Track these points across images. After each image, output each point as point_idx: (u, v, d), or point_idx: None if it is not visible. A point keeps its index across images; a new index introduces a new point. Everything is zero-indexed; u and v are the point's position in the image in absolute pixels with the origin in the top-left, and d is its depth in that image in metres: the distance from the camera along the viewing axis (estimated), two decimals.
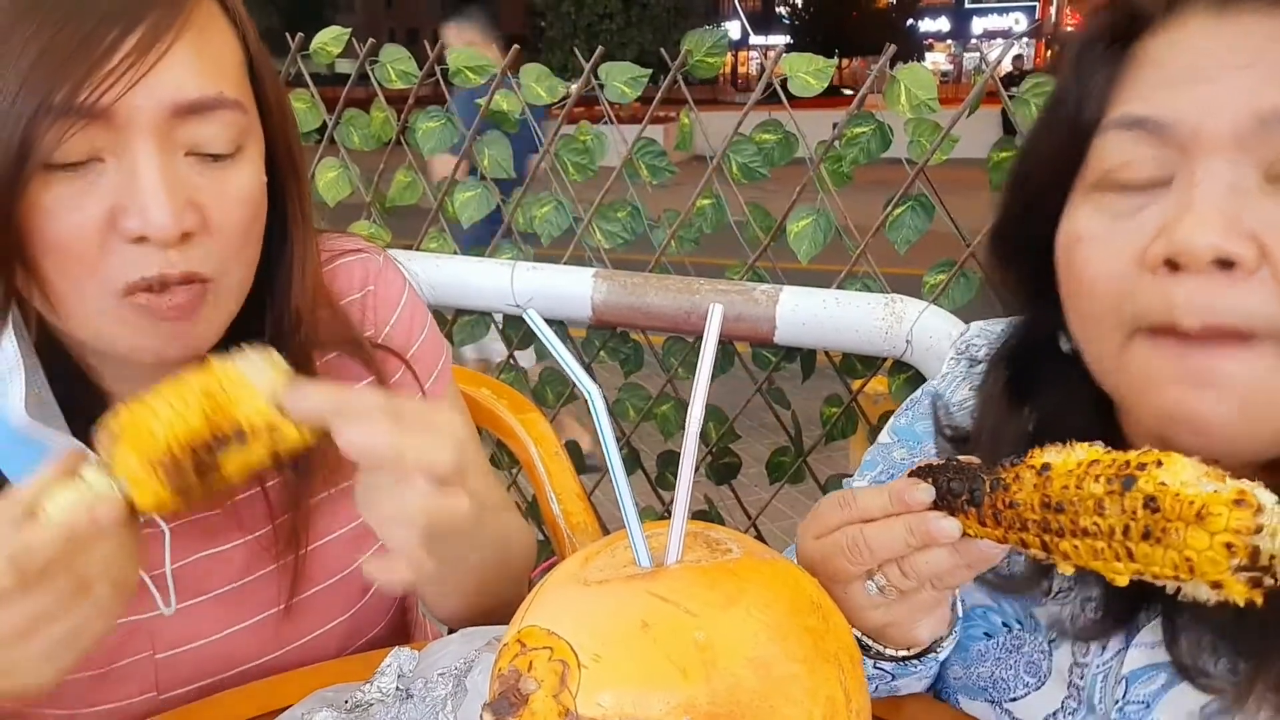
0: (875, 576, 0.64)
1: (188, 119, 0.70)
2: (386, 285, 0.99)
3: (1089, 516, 0.53)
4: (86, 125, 0.67)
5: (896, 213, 1.63)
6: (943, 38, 54.40)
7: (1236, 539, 0.48)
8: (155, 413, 0.63)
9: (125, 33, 0.67)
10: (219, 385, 0.64)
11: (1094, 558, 0.53)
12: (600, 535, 1.02)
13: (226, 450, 0.64)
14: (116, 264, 0.70)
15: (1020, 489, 0.56)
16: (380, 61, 2.01)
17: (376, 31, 2.44)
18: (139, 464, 0.62)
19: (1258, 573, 0.48)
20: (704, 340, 0.58)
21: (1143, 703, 0.69)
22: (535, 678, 0.49)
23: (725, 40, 1.79)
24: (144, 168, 0.68)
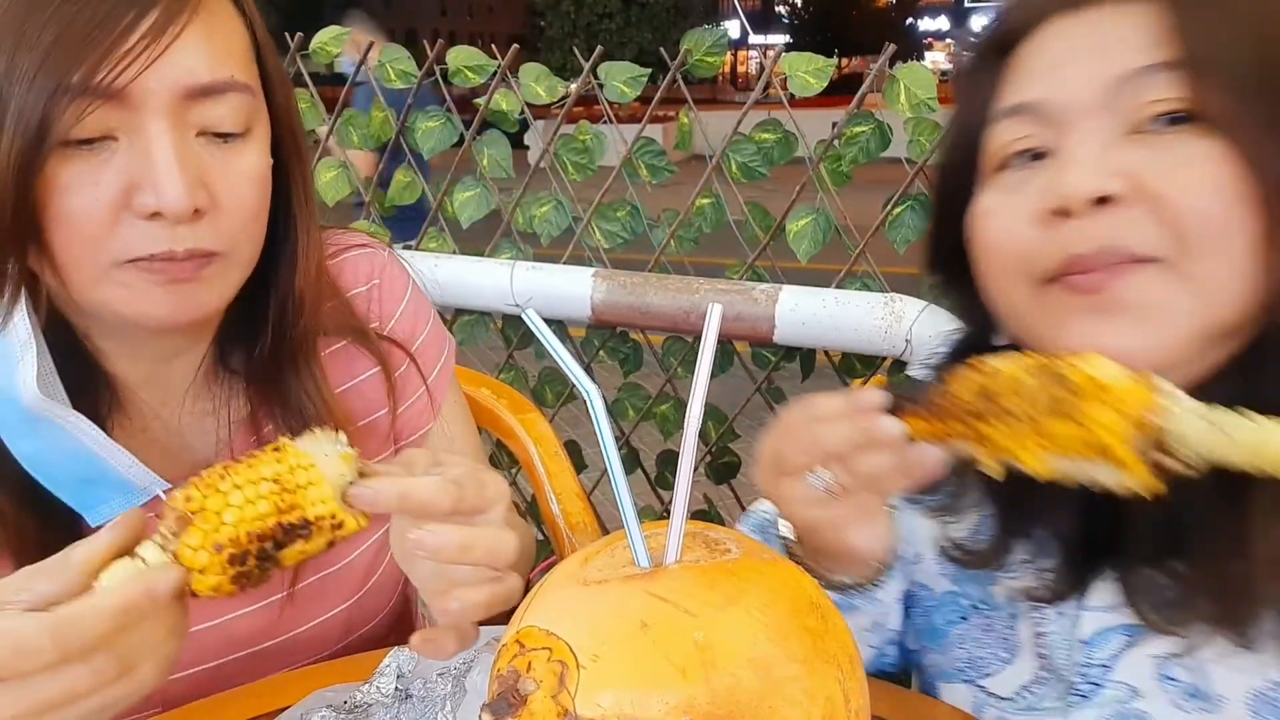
0: (821, 471, 0.69)
1: (199, 101, 0.72)
2: (392, 279, 1.01)
3: (1012, 397, 0.59)
4: (102, 105, 0.68)
5: (896, 212, 1.63)
6: (942, 37, 54.40)
7: (1141, 416, 0.53)
8: (226, 498, 0.62)
9: (140, 15, 0.68)
10: (290, 471, 0.64)
11: (1009, 439, 0.59)
12: (599, 535, 1.02)
13: (288, 546, 0.63)
14: (126, 238, 0.72)
15: (960, 383, 0.63)
16: (380, 61, 2.01)
17: (375, 31, 2.44)
18: (208, 552, 0.61)
19: (1159, 453, 0.53)
20: (703, 340, 0.58)
21: (1103, 665, 0.74)
22: (534, 678, 0.49)
23: (725, 39, 1.79)
24: (158, 147, 0.70)
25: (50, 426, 0.75)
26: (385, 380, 0.97)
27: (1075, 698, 0.75)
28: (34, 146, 0.67)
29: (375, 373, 0.97)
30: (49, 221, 0.70)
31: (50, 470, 0.77)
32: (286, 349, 0.88)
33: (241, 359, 0.89)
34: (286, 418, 0.89)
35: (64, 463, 0.77)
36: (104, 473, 0.78)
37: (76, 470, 0.78)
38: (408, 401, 1.01)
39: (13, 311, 0.73)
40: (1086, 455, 0.56)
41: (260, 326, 0.87)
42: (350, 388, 0.96)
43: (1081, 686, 0.75)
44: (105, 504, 0.79)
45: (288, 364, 0.89)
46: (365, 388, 0.97)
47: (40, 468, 0.77)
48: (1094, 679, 0.75)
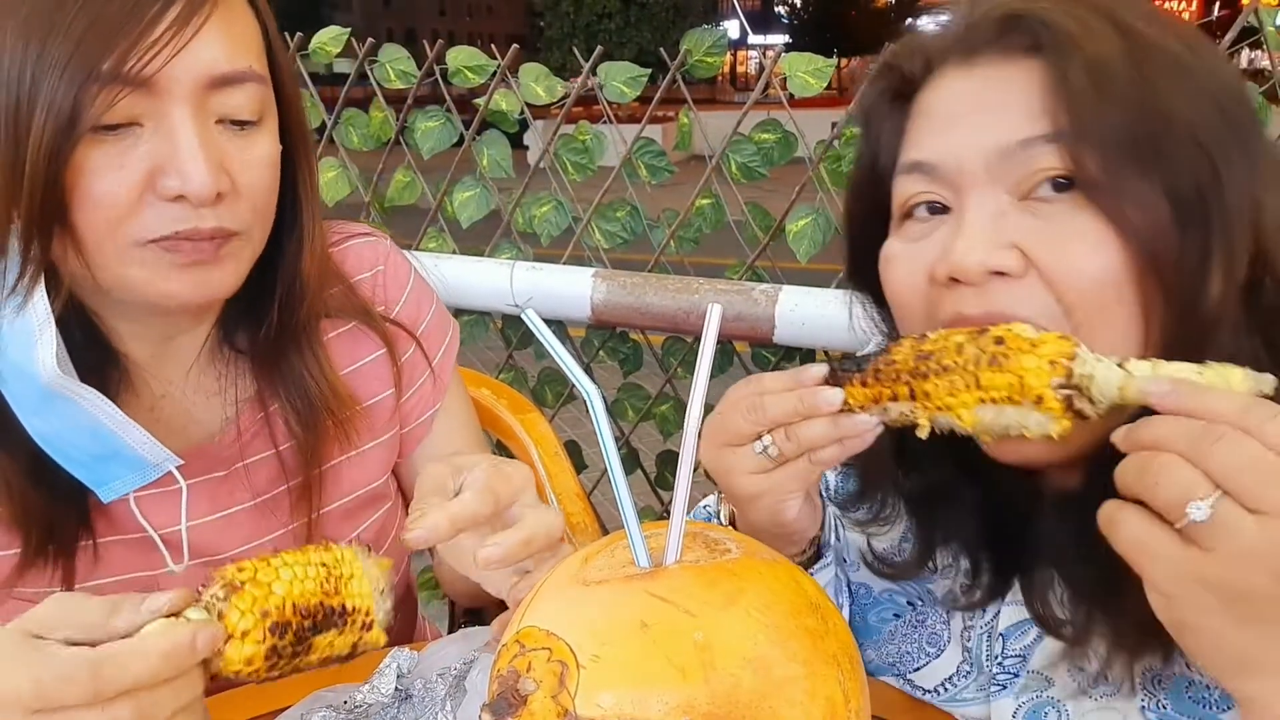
0: (764, 438, 0.72)
1: (219, 90, 0.76)
2: (395, 266, 1.04)
3: (951, 356, 0.65)
4: (130, 92, 0.71)
5: None
6: None
7: (1058, 358, 0.60)
8: (277, 572, 0.65)
9: (165, 7, 0.72)
10: (336, 562, 0.68)
11: (949, 393, 0.65)
12: (599, 535, 1.02)
13: (324, 631, 0.66)
14: (149, 219, 0.74)
15: (899, 351, 0.68)
16: (379, 61, 2.01)
17: (374, 31, 2.44)
18: (254, 616, 0.63)
19: (1071, 390, 0.60)
20: (703, 340, 0.58)
21: (1019, 655, 0.78)
22: (534, 678, 0.49)
23: (724, 40, 1.79)
24: (183, 133, 0.73)
25: (66, 404, 0.77)
26: (391, 363, 1.00)
27: (995, 688, 0.79)
28: (65, 132, 0.70)
29: (380, 356, 1.00)
30: (75, 204, 0.73)
31: (64, 447, 0.79)
32: (291, 330, 0.90)
33: (246, 339, 0.92)
34: (291, 397, 0.91)
35: (78, 440, 0.79)
36: (117, 450, 0.80)
37: (90, 447, 0.79)
38: (415, 385, 1.03)
39: (32, 292, 0.74)
40: (1016, 401, 0.62)
41: (265, 307, 0.89)
42: (355, 370, 0.98)
43: (1000, 677, 0.79)
44: (118, 480, 0.82)
45: (292, 344, 0.91)
46: (370, 370, 0.99)
47: (54, 444, 0.78)
48: (1011, 669, 0.78)
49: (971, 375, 0.64)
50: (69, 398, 0.77)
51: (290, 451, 0.93)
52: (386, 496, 1.04)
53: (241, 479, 0.92)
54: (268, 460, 0.93)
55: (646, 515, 2.00)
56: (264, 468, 0.93)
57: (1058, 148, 0.65)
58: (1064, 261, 0.65)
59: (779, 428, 0.72)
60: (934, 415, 0.67)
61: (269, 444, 0.93)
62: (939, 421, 0.67)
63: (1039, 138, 0.66)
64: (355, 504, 1.00)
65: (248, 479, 0.92)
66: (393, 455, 1.04)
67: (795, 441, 0.71)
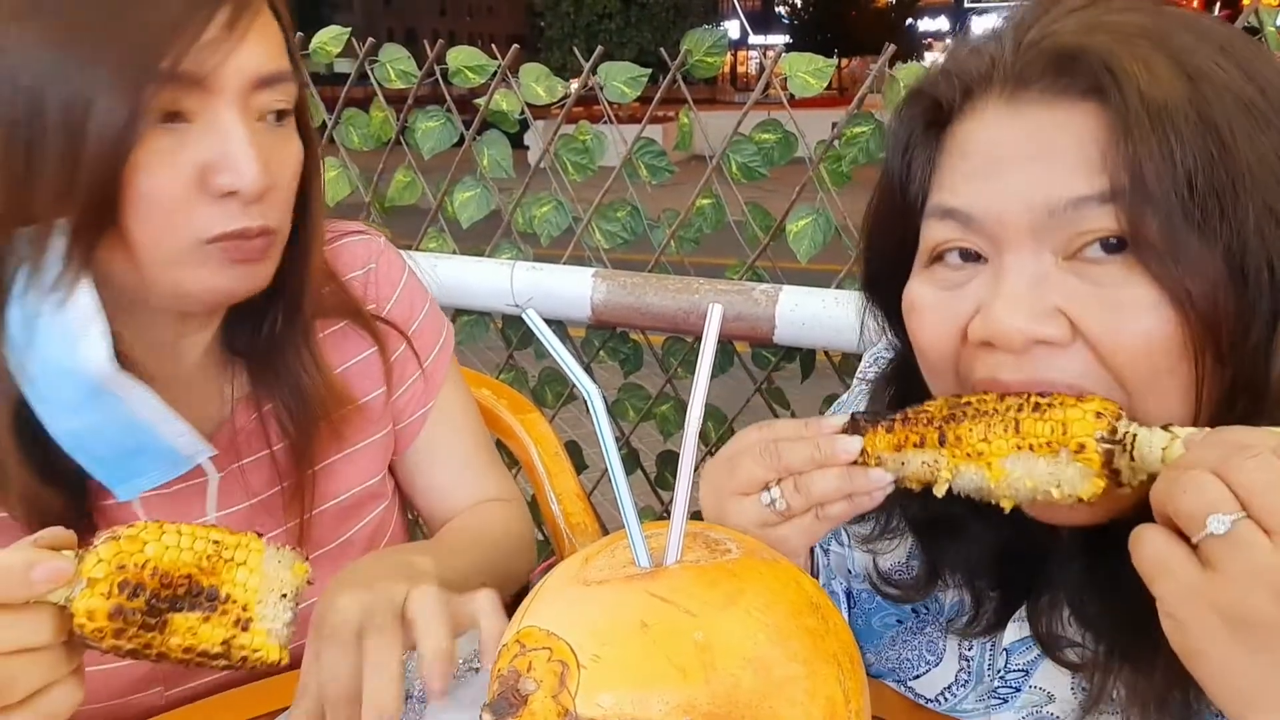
0: (772, 489, 0.69)
1: (261, 89, 0.78)
2: (388, 264, 1.04)
3: (992, 404, 0.62)
4: (186, 91, 0.73)
5: None
6: (942, 37, 54.40)
7: (1105, 411, 0.59)
8: (161, 535, 0.62)
9: (214, 11, 0.74)
10: (234, 545, 0.64)
11: (982, 438, 0.62)
12: (600, 535, 1.02)
13: (187, 610, 0.62)
14: (203, 216, 0.76)
15: (934, 405, 0.66)
16: (380, 61, 2.01)
17: (375, 31, 2.44)
18: (109, 567, 0.60)
19: (1114, 446, 0.58)
20: (703, 340, 0.58)
21: (1022, 670, 0.76)
22: (534, 678, 0.49)
23: (724, 40, 1.79)
24: (234, 131, 0.76)
25: (110, 399, 0.77)
26: (382, 361, 1.00)
27: (995, 701, 0.78)
28: (127, 129, 0.71)
29: (371, 354, 1.00)
30: (128, 202, 0.74)
31: (93, 445, 0.79)
32: (291, 328, 0.91)
33: (244, 340, 0.92)
34: (286, 396, 0.92)
35: (112, 435, 0.79)
36: (149, 444, 0.81)
37: (124, 442, 0.80)
38: (405, 384, 1.03)
39: (74, 289, 0.75)
40: (1054, 449, 0.59)
41: (267, 308, 0.89)
42: (346, 369, 0.99)
43: (1001, 691, 0.77)
44: (142, 476, 0.82)
45: (289, 344, 0.91)
46: (361, 369, 1.00)
47: (82, 442, 0.79)
48: (1013, 684, 0.77)
49: (1011, 420, 0.61)
50: (113, 393, 0.77)
51: (284, 452, 0.93)
52: (383, 495, 1.04)
53: (236, 480, 0.92)
54: (262, 461, 0.93)
55: (647, 515, 2.00)
56: (258, 468, 0.93)
57: (1114, 208, 0.60)
58: (1114, 331, 0.61)
59: (790, 477, 0.68)
60: (959, 466, 0.63)
61: (263, 444, 0.93)
62: (962, 477, 0.63)
63: (1093, 197, 0.60)
64: (350, 503, 1.00)
65: (243, 480, 0.92)
66: (387, 453, 1.04)
67: (804, 494, 0.68)
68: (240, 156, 0.75)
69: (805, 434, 0.69)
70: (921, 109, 0.71)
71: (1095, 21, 0.64)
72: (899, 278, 0.73)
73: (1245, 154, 0.59)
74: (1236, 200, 0.59)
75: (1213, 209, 0.59)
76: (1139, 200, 0.59)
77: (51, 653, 0.61)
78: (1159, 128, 0.59)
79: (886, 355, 0.88)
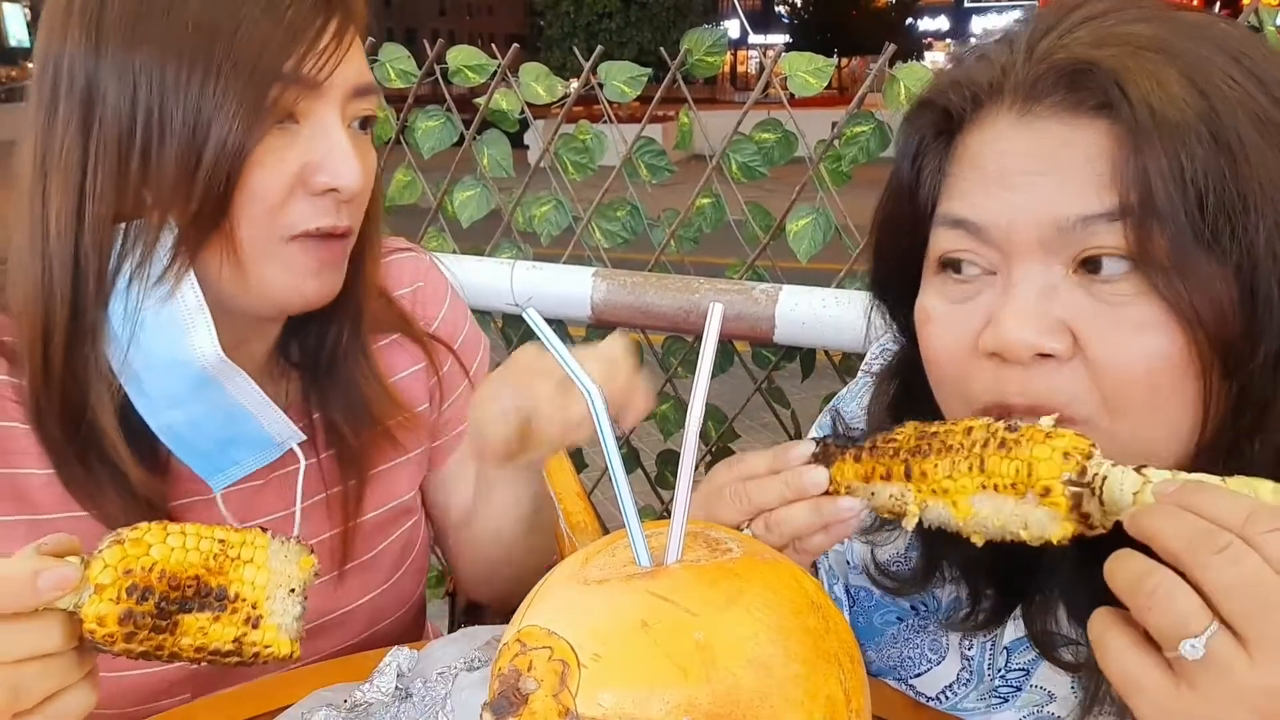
0: (745, 528, 0.69)
1: (357, 98, 0.82)
2: (434, 282, 1.07)
3: (958, 437, 0.61)
4: (305, 94, 0.77)
5: None
6: (942, 37, 54.39)
7: (1074, 451, 0.56)
8: (166, 536, 0.62)
9: (326, 21, 0.78)
10: (239, 543, 0.64)
11: (947, 475, 0.60)
12: (600, 535, 1.02)
13: (197, 611, 0.62)
14: (299, 211, 0.79)
15: (902, 431, 0.65)
16: (379, 60, 2.01)
17: (375, 31, 2.44)
18: (115, 573, 0.60)
19: (1082, 489, 0.55)
20: (704, 339, 0.58)
21: (1022, 669, 0.77)
22: (535, 677, 0.49)
23: (724, 39, 1.79)
24: (337, 133, 0.79)
25: (214, 389, 0.80)
26: (433, 375, 1.03)
27: (996, 700, 0.78)
28: (252, 127, 0.74)
29: (420, 369, 1.02)
30: (238, 197, 0.76)
31: (194, 437, 0.82)
32: (352, 337, 0.93)
33: (299, 351, 0.94)
34: (342, 404, 0.93)
35: (214, 426, 0.82)
36: (245, 432, 0.84)
37: (222, 432, 0.83)
38: (451, 398, 1.05)
39: (181, 282, 0.77)
40: (1020, 491, 0.57)
41: (326, 320, 0.91)
42: (396, 382, 1.00)
43: (1002, 690, 0.78)
44: (236, 465, 0.86)
45: (347, 354, 0.93)
46: (409, 383, 1.02)
47: (183, 435, 0.82)
48: (1014, 683, 0.77)
49: (977, 457, 0.59)
50: (218, 383, 0.80)
51: (330, 460, 0.95)
52: (414, 511, 1.05)
53: (275, 487, 0.93)
54: (308, 469, 0.93)
55: (647, 515, 2.00)
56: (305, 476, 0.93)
57: (1122, 226, 0.60)
58: (1116, 348, 0.61)
59: (761, 516, 0.68)
60: (926, 502, 0.62)
61: (310, 453, 0.93)
62: (931, 512, 0.62)
63: (1103, 215, 0.60)
64: (387, 516, 1.01)
65: (285, 487, 0.93)
66: (422, 470, 1.06)
67: (777, 532, 0.67)
68: (343, 158, 0.79)
69: (774, 466, 0.69)
70: (931, 118, 0.71)
71: (1107, 33, 0.63)
72: (906, 279, 0.74)
73: (1257, 170, 0.59)
74: (1247, 218, 0.58)
75: (1223, 227, 0.58)
76: (1148, 219, 0.59)
77: (63, 659, 0.61)
78: (1170, 145, 0.58)
79: (892, 348, 0.88)
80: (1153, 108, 0.59)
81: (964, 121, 0.68)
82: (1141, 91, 0.59)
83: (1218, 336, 0.59)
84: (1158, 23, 0.63)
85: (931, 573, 0.81)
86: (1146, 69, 0.60)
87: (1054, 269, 0.63)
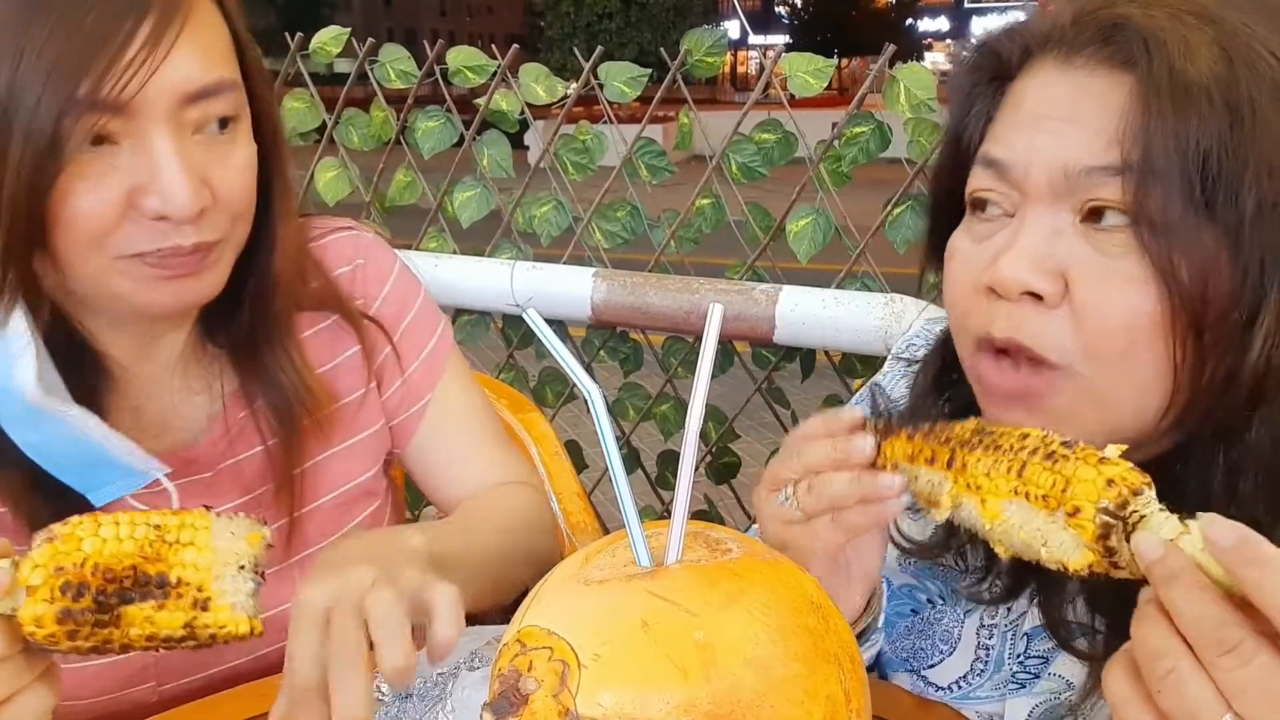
0: (786, 489, 0.69)
1: (195, 103, 0.75)
2: (376, 260, 1.03)
3: (1012, 440, 0.59)
4: (109, 117, 0.70)
5: (896, 212, 1.63)
6: (942, 37, 54.39)
7: (1120, 482, 0.53)
8: (98, 529, 0.59)
9: (137, 24, 0.70)
10: (177, 526, 0.61)
11: (985, 473, 0.59)
12: (600, 535, 1.02)
13: (139, 601, 0.59)
14: (130, 235, 0.74)
15: (963, 424, 0.63)
16: (380, 61, 2.01)
17: (375, 31, 2.44)
18: (46, 573, 0.57)
19: (1114, 520, 0.53)
20: (704, 340, 0.58)
21: (1041, 657, 0.77)
22: (535, 677, 0.49)
23: (724, 40, 1.79)
24: (162, 153, 0.73)
25: (51, 420, 0.77)
26: (367, 358, 0.99)
27: (1013, 686, 0.78)
28: (47, 160, 0.69)
29: (359, 351, 0.99)
30: (55, 226, 0.72)
31: (53, 457, 0.79)
32: (264, 326, 0.90)
33: (225, 335, 0.91)
34: (269, 394, 0.91)
35: (66, 451, 0.79)
36: (104, 458, 0.80)
37: (79, 457, 0.79)
38: (399, 378, 1.02)
39: (10, 313, 0.74)
40: (1050, 507, 0.55)
41: (237, 305, 0.88)
42: (335, 365, 0.98)
43: (1020, 676, 0.78)
44: (109, 485, 0.81)
45: (265, 341, 0.91)
46: (350, 364, 0.99)
47: (44, 454, 0.78)
48: (1033, 670, 0.78)
49: (1019, 461, 0.57)
50: (52, 415, 0.76)
51: (277, 447, 0.93)
52: (375, 494, 1.04)
53: (229, 477, 0.92)
54: (255, 457, 0.93)
55: (647, 515, 2.00)
56: (251, 465, 0.93)
57: (1122, 181, 0.61)
58: (1100, 299, 0.63)
59: (807, 477, 0.68)
60: (960, 496, 0.61)
61: (256, 440, 0.92)
62: (962, 510, 0.61)
63: (1107, 168, 0.62)
64: (343, 499, 0.99)
65: (237, 477, 0.92)
66: (381, 450, 1.04)
67: (816, 495, 0.67)
68: (169, 181, 0.72)
69: (829, 429, 0.68)
70: (985, 62, 0.73)
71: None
72: (953, 228, 0.75)
73: (1263, 144, 0.59)
74: (1242, 186, 0.59)
75: (1219, 193, 0.59)
76: (1145, 175, 0.60)
77: (9, 664, 0.59)
78: (1180, 105, 0.59)
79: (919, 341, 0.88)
80: (1172, 69, 0.60)
81: (1014, 68, 0.70)
82: (1166, 53, 0.60)
83: (1195, 300, 0.60)
84: None
85: (951, 540, 0.80)
86: (1179, 32, 0.61)
87: (1062, 215, 0.65)
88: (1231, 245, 0.60)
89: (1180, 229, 0.60)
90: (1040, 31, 0.69)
